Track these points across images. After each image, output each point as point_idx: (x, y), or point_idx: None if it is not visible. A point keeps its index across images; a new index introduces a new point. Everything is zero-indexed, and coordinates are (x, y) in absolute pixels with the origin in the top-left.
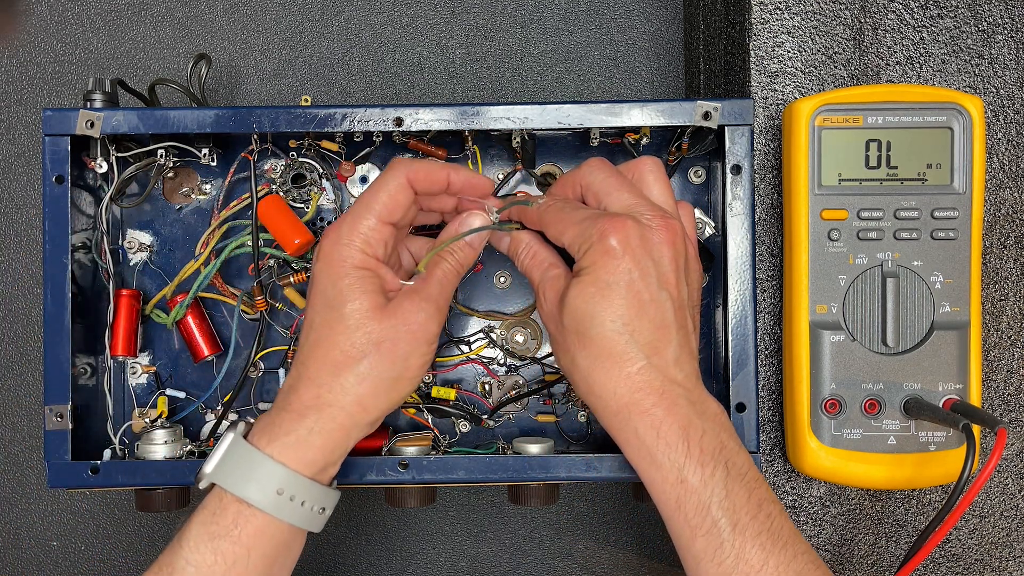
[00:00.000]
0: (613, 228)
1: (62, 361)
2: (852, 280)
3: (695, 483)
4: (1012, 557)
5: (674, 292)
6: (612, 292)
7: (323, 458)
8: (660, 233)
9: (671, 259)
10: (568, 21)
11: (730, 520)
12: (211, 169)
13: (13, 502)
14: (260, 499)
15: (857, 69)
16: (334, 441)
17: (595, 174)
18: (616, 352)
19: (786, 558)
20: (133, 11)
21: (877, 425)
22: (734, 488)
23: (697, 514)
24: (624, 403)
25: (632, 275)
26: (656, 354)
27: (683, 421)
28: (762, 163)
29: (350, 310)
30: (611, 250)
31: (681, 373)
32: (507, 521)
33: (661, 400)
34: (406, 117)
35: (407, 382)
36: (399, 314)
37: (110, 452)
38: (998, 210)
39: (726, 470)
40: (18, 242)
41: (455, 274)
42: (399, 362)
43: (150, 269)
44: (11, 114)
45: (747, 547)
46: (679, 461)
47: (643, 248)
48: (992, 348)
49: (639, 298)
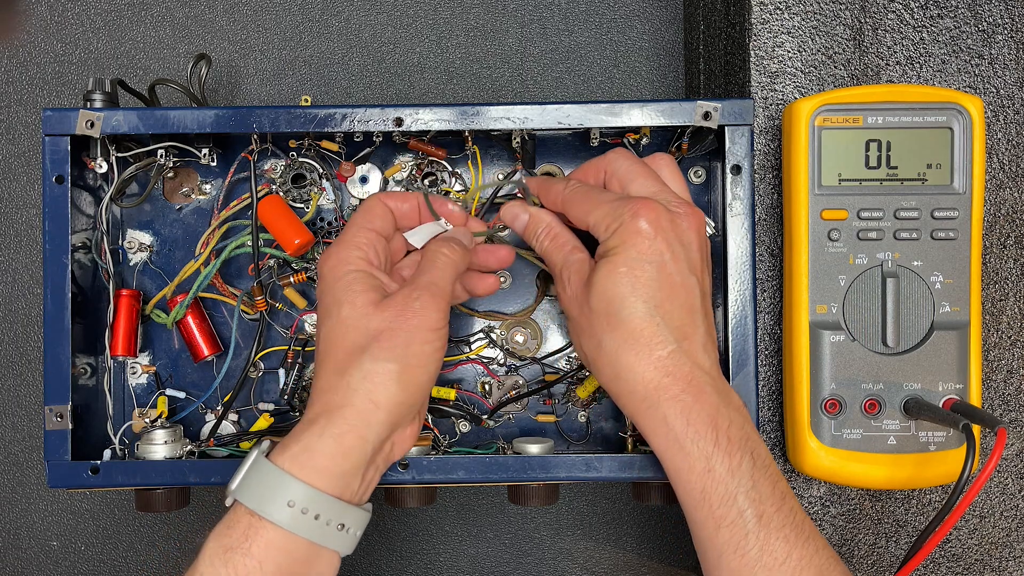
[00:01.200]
0: (645, 209)
1: (62, 361)
2: (852, 280)
3: (722, 472)
4: (1012, 557)
5: (701, 278)
6: (644, 273)
7: (335, 466)
8: (688, 219)
9: (698, 246)
10: (568, 21)
11: (756, 511)
12: (211, 169)
13: (13, 502)
14: (270, 511)
15: (857, 69)
16: (346, 446)
17: (620, 161)
18: (647, 335)
19: (808, 552)
20: (133, 11)
21: (877, 425)
22: (760, 479)
23: (723, 504)
24: (653, 387)
25: (664, 256)
26: (686, 339)
27: (711, 409)
28: (762, 163)
29: (347, 311)
30: (642, 231)
31: (708, 360)
32: (507, 521)
33: (690, 387)
34: (406, 117)
35: (414, 371)
36: (394, 304)
37: (110, 452)
38: (998, 210)
39: (752, 460)
40: (18, 242)
41: (451, 264)
42: (399, 350)
43: (150, 269)
44: (11, 114)
45: (771, 539)
46: (707, 450)
47: (673, 231)
48: (992, 348)
49: (671, 280)
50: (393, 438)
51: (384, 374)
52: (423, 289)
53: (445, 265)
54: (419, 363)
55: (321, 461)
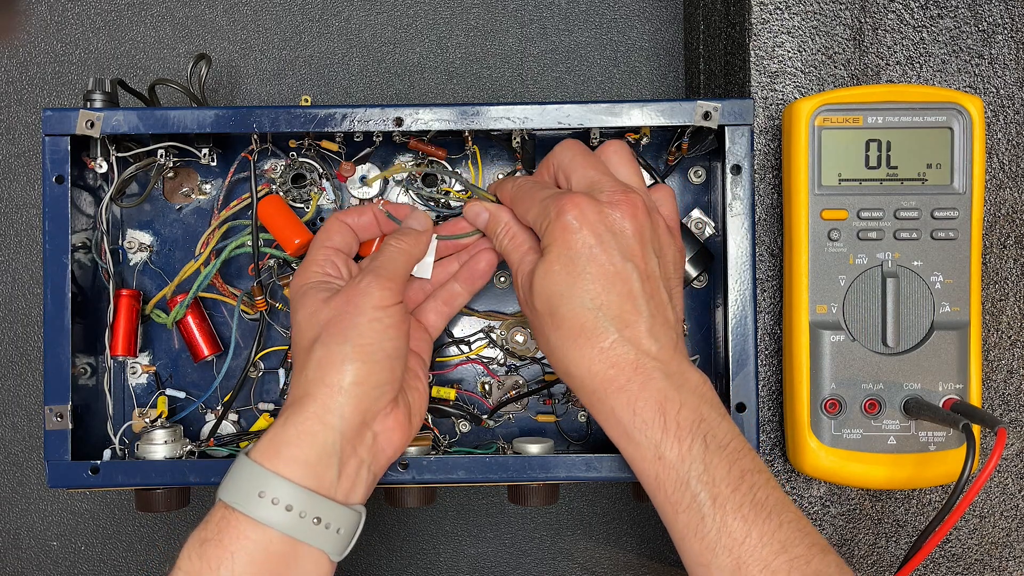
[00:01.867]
0: (570, 204)
1: (62, 361)
2: (852, 280)
3: (672, 459)
4: (1012, 557)
5: (640, 263)
6: (576, 267)
7: (301, 453)
8: (620, 207)
9: (634, 231)
10: (568, 21)
11: (709, 494)
12: (211, 169)
13: (13, 502)
14: (237, 499)
15: (857, 69)
16: (310, 432)
17: (564, 153)
18: (587, 328)
19: (770, 528)
20: (133, 11)
21: (877, 425)
22: (713, 461)
23: (676, 490)
24: (600, 380)
25: (593, 249)
26: (627, 327)
27: (659, 396)
28: (762, 163)
29: (301, 315)
30: (568, 226)
31: (656, 344)
32: (507, 521)
33: (636, 375)
34: (406, 117)
35: (367, 349)
36: (340, 294)
37: (110, 452)
38: (998, 210)
39: (704, 443)
40: (18, 242)
41: (400, 251)
42: (348, 331)
43: (150, 269)
44: (11, 114)
45: (728, 519)
46: (656, 437)
47: (602, 222)
48: (992, 348)
49: (603, 271)
50: (374, 426)
51: (336, 356)
52: (367, 272)
53: (393, 252)
54: (370, 340)
55: (287, 451)
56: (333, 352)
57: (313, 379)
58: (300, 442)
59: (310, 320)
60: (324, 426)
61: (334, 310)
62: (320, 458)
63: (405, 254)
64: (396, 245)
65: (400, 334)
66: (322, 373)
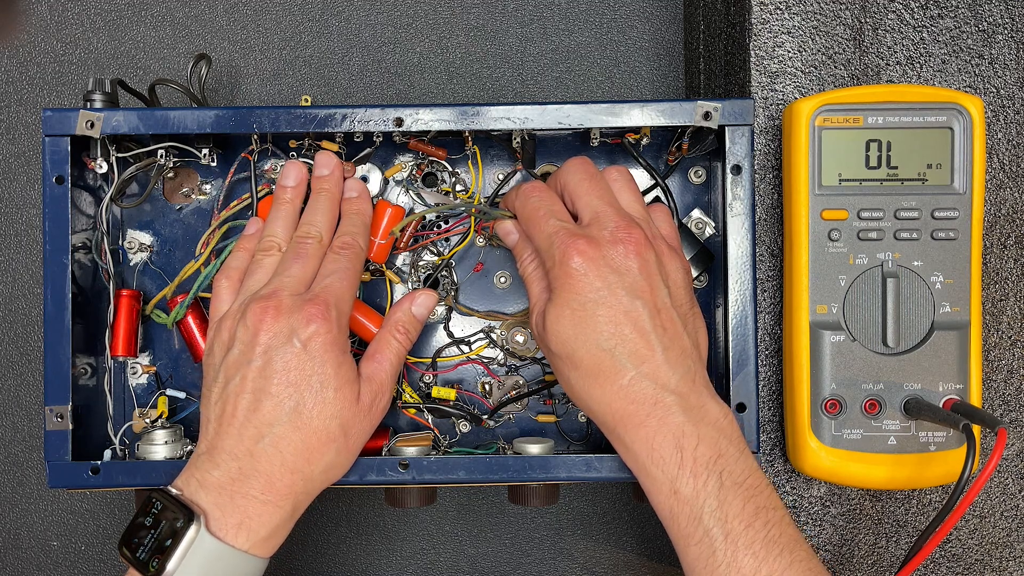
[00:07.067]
0: (573, 250)
1: (62, 361)
2: (852, 280)
3: (687, 494)
4: (1012, 557)
5: (648, 298)
6: (586, 312)
7: (263, 531)
8: (623, 244)
9: (640, 268)
10: (568, 21)
11: (722, 529)
12: (211, 169)
13: (13, 502)
14: None
15: (857, 69)
16: (270, 510)
17: (571, 175)
18: (605, 367)
19: (780, 566)
20: (133, 11)
21: (877, 425)
22: (727, 497)
23: (689, 524)
24: (620, 417)
25: (600, 292)
26: (644, 362)
27: (677, 432)
28: (762, 163)
29: (333, 387)
30: (574, 272)
31: (675, 376)
32: (507, 521)
33: (654, 410)
34: (406, 117)
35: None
36: (368, 416)
37: (110, 452)
38: (998, 210)
39: (719, 480)
40: (18, 242)
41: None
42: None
43: (150, 269)
44: (11, 114)
45: (739, 555)
46: (672, 473)
47: (606, 264)
48: (992, 348)
49: (612, 312)
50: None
51: (318, 454)
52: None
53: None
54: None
55: (249, 524)
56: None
57: (291, 464)
58: (260, 516)
59: (332, 404)
60: (294, 511)
61: (353, 442)
62: (275, 532)
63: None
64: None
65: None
66: (300, 463)
